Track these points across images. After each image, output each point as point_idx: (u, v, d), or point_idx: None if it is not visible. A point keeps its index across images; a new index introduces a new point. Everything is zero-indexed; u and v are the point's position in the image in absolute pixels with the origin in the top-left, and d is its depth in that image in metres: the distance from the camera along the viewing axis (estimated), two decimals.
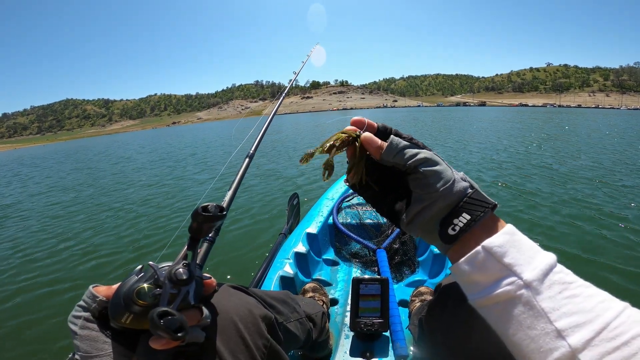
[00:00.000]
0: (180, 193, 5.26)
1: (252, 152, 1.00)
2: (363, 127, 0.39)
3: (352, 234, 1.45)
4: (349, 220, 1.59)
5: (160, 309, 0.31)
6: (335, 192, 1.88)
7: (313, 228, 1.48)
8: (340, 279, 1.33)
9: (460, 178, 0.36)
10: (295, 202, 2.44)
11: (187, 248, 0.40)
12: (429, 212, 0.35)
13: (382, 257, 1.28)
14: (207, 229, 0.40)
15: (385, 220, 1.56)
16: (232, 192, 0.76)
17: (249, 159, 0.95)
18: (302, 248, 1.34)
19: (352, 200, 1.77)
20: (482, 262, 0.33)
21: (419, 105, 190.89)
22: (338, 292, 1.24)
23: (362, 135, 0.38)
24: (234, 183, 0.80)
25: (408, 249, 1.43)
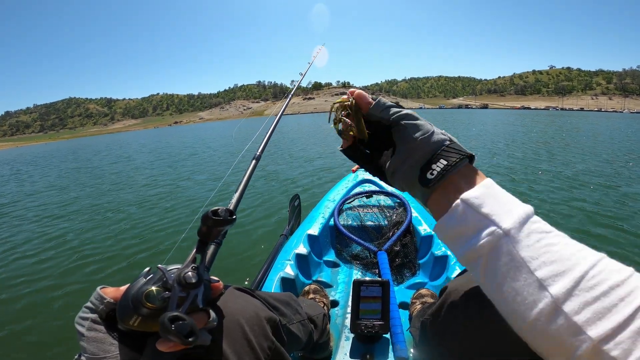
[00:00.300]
0: (186, 194, 5.26)
1: (258, 154, 0.99)
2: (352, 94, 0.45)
3: (353, 236, 1.45)
4: (350, 222, 1.59)
5: (172, 314, 0.31)
6: (337, 193, 1.89)
7: (314, 229, 1.49)
8: (341, 281, 1.33)
9: (440, 133, 0.39)
10: (297, 203, 2.44)
11: (195, 251, 0.40)
12: (410, 160, 0.39)
13: (383, 259, 1.29)
14: (216, 233, 0.40)
15: (387, 223, 1.56)
16: (238, 194, 0.75)
17: (256, 161, 0.94)
18: (303, 249, 1.34)
19: (353, 202, 1.77)
20: (461, 214, 0.34)
21: (421, 107, 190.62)
22: (339, 293, 1.25)
23: (355, 92, 0.43)
24: (241, 185, 0.79)
25: (409, 252, 1.43)
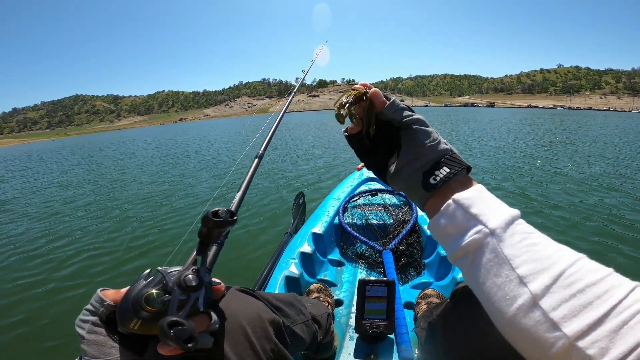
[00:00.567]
0: (189, 193, 5.23)
1: (261, 152, 0.98)
2: (369, 88, 0.45)
3: (358, 235, 1.44)
4: (355, 221, 1.58)
5: (171, 319, 0.31)
6: (342, 191, 1.87)
7: (319, 228, 1.48)
8: (346, 280, 1.32)
9: (444, 142, 0.41)
10: (301, 201, 2.43)
11: (196, 253, 0.39)
12: (416, 163, 0.40)
13: (388, 258, 1.27)
14: (217, 234, 0.39)
15: (392, 221, 1.55)
16: (241, 193, 0.74)
17: (259, 160, 0.93)
18: (307, 248, 1.34)
19: (358, 201, 1.76)
20: (452, 213, 0.37)
21: (427, 106, 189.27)
22: (343, 293, 1.24)
23: (371, 90, 0.44)
24: (243, 184, 0.78)
25: (414, 251, 1.42)
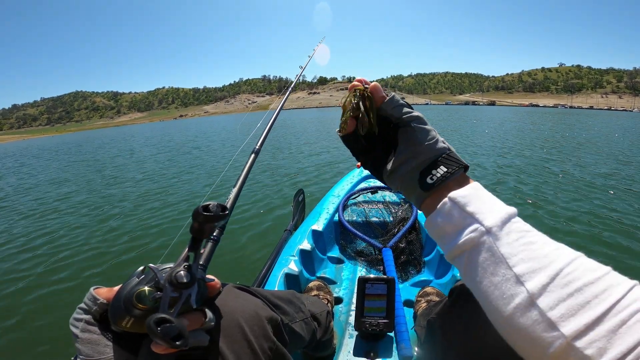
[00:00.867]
0: (185, 189, 5.22)
1: (258, 147, 0.98)
2: (365, 84, 0.44)
3: (357, 232, 1.43)
4: (355, 218, 1.57)
5: (158, 316, 0.30)
6: (342, 189, 1.87)
7: (318, 225, 1.47)
8: (345, 277, 1.31)
9: (442, 141, 0.40)
10: (301, 198, 2.43)
11: (188, 249, 0.38)
12: (413, 162, 0.39)
13: (388, 256, 1.27)
14: (209, 229, 0.38)
15: (392, 219, 1.54)
16: (237, 189, 0.73)
17: (255, 155, 0.92)
18: (307, 245, 1.33)
19: (358, 198, 1.75)
20: (448, 211, 0.36)
21: (427, 104, 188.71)
22: (342, 290, 1.23)
23: (371, 84, 0.42)
24: (239, 180, 0.77)
25: (414, 249, 1.41)
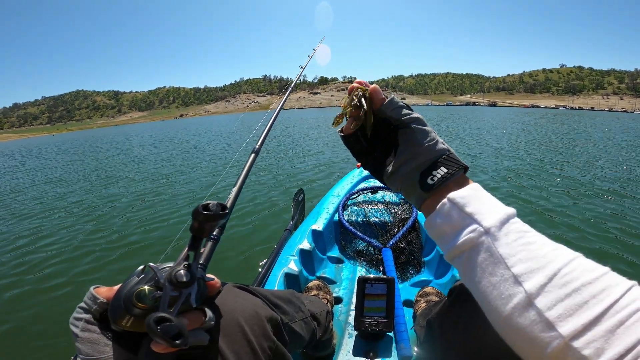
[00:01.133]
0: (185, 189, 5.22)
1: (258, 147, 0.98)
2: (366, 86, 0.44)
3: (357, 232, 1.43)
4: (355, 218, 1.57)
5: (157, 315, 0.30)
6: (341, 189, 1.87)
7: (318, 225, 1.47)
8: (345, 277, 1.31)
9: (442, 142, 0.40)
10: (301, 198, 2.43)
11: (188, 248, 0.38)
12: (413, 163, 0.39)
13: (387, 256, 1.27)
14: (209, 229, 0.38)
15: (392, 219, 1.54)
16: (237, 188, 0.73)
17: (255, 154, 0.93)
18: (307, 245, 1.33)
19: (358, 198, 1.75)
20: (447, 212, 0.36)
21: (428, 104, 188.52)
22: (342, 290, 1.23)
23: (371, 87, 0.43)
24: (239, 179, 0.77)
25: (414, 249, 1.41)
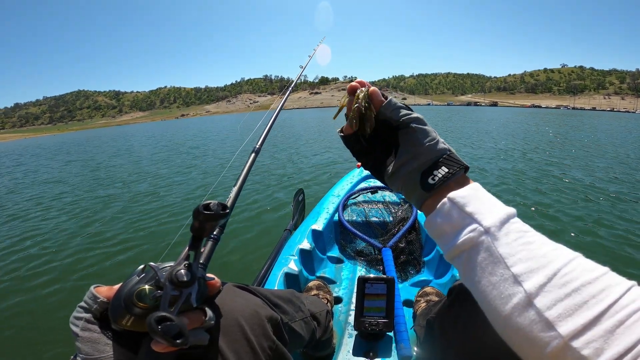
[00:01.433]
0: (185, 189, 5.22)
1: (258, 146, 0.98)
2: (365, 86, 0.44)
3: (357, 232, 1.43)
4: (355, 218, 1.57)
5: (158, 314, 0.30)
6: (341, 188, 1.87)
7: (318, 225, 1.47)
8: (345, 277, 1.31)
9: (442, 142, 0.40)
10: (301, 198, 2.43)
11: (188, 248, 0.39)
12: (414, 163, 0.39)
13: (387, 256, 1.27)
14: (209, 228, 0.38)
15: (392, 219, 1.54)
16: (237, 188, 0.73)
17: (255, 154, 0.93)
18: (307, 245, 1.33)
19: (358, 198, 1.75)
20: (447, 211, 0.36)
21: (429, 104, 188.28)
22: (342, 290, 1.23)
23: (370, 89, 0.43)
24: (240, 179, 0.77)
25: (414, 249, 1.41)
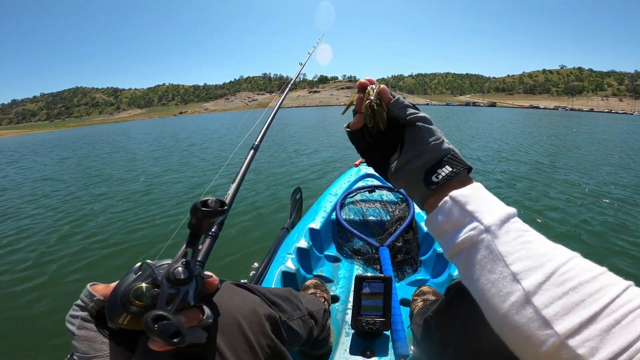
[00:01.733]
0: (183, 186, 5.22)
1: (257, 143, 0.98)
2: (374, 84, 0.45)
3: (355, 231, 1.43)
4: (352, 217, 1.57)
5: (155, 313, 0.30)
6: (339, 187, 1.87)
7: (316, 223, 1.47)
8: (342, 276, 1.31)
9: (447, 142, 0.41)
10: (298, 196, 2.43)
11: (186, 245, 0.38)
12: (419, 160, 0.40)
13: (384, 255, 1.27)
14: (207, 225, 0.38)
15: (389, 218, 1.54)
16: (235, 185, 0.73)
17: (254, 151, 0.93)
18: (304, 243, 1.33)
19: (355, 197, 1.75)
20: (448, 209, 0.37)
21: (428, 104, 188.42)
22: (339, 289, 1.23)
23: (380, 86, 0.43)
24: (238, 176, 0.77)
25: (411, 248, 1.41)
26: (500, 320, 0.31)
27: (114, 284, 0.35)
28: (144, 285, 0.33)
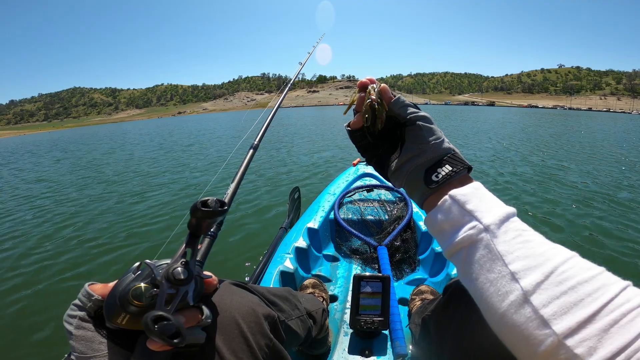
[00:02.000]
0: (182, 186, 5.21)
1: (256, 143, 0.97)
2: (374, 83, 0.45)
3: (353, 230, 1.43)
4: (350, 216, 1.57)
5: (155, 314, 0.30)
6: (337, 187, 1.87)
7: (314, 223, 1.47)
8: (340, 275, 1.31)
9: (447, 142, 0.41)
10: (297, 196, 2.43)
11: (185, 245, 0.38)
12: (419, 159, 0.40)
13: (383, 254, 1.27)
14: (207, 225, 0.38)
15: (387, 217, 1.54)
16: (234, 185, 0.73)
17: (253, 151, 0.92)
18: (302, 243, 1.33)
19: (353, 196, 1.75)
20: (448, 208, 0.37)
21: (426, 103, 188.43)
22: (338, 288, 1.23)
23: (381, 85, 0.43)
24: (237, 175, 0.76)
25: (409, 247, 1.41)
26: (499, 320, 0.31)
27: (112, 284, 0.35)
28: (143, 285, 0.33)
